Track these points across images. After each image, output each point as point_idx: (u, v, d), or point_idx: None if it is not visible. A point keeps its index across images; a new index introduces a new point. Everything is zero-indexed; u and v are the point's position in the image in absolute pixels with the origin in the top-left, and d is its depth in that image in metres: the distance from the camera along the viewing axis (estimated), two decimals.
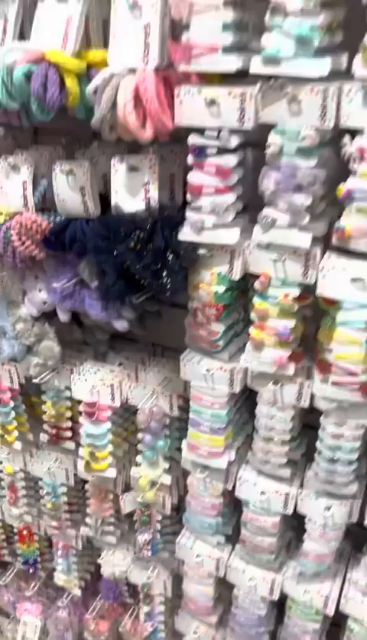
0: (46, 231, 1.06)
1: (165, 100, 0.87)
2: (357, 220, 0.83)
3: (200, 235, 0.93)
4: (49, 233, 1.06)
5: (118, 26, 0.87)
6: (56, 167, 1.02)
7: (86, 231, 1.01)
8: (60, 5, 0.90)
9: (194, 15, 0.82)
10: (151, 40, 0.85)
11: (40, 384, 1.29)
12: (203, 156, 0.89)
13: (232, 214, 0.92)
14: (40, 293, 1.19)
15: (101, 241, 0.97)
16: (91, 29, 0.92)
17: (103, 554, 1.46)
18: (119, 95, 0.86)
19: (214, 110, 0.85)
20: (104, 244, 0.97)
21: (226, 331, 1.04)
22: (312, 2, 0.75)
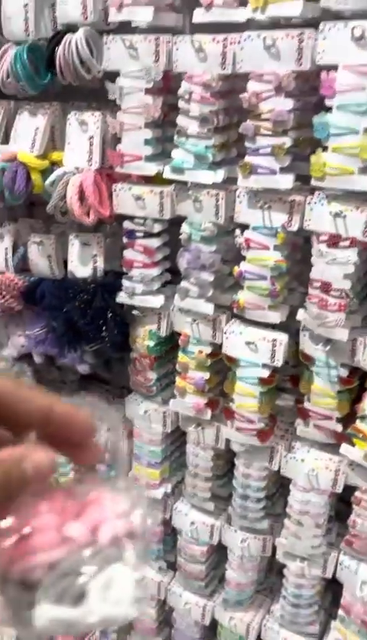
0: (21, 287, 1.30)
1: (105, 193, 1.10)
2: (248, 295, 1.02)
3: (132, 299, 1.14)
4: (24, 289, 1.30)
5: (70, 136, 1.11)
6: (30, 238, 1.26)
7: (48, 290, 1.24)
8: (31, 118, 1.15)
9: (124, 132, 1.05)
10: (93, 148, 1.09)
11: None
12: (134, 238, 1.11)
13: (158, 284, 1.13)
14: (19, 338, 1.42)
15: (54, 299, 1.20)
16: (56, 136, 1.17)
17: None
18: (68, 189, 1.10)
19: (140, 203, 1.08)
20: (56, 301, 1.19)
21: (159, 379, 1.23)
22: (206, 128, 0.97)
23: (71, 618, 0.30)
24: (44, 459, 0.31)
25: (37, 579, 0.30)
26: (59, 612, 0.29)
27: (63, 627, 0.30)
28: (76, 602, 0.30)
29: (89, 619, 0.30)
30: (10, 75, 1.10)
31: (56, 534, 0.31)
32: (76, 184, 1.09)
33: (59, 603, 0.30)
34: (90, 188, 1.08)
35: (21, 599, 0.30)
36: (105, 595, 0.30)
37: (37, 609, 0.29)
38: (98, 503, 0.32)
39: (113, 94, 1.04)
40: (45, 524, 0.31)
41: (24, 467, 0.30)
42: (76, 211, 1.09)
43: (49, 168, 1.15)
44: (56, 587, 0.30)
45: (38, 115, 1.15)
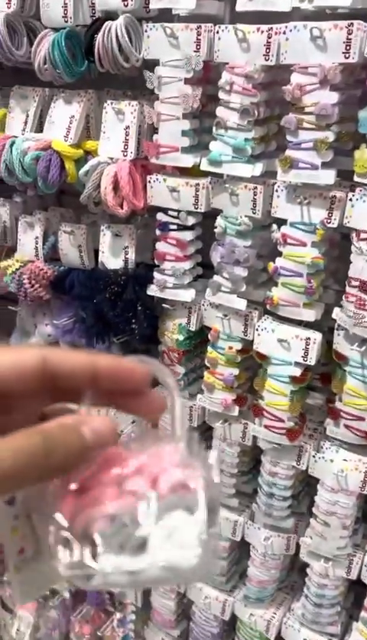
0: (51, 277, 1.30)
1: (139, 185, 1.09)
2: (282, 292, 1.01)
3: (163, 292, 1.13)
4: (53, 279, 1.29)
5: (106, 125, 1.10)
6: (61, 227, 1.25)
7: (78, 280, 1.23)
8: (66, 106, 1.14)
9: (161, 122, 1.03)
10: (129, 138, 1.07)
11: None
12: (167, 230, 1.10)
13: (189, 278, 1.12)
14: (46, 327, 1.42)
15: (84, 290, 1.19)
16: (91, 125, 1.16)
17: None
18: (102, 179, 1.08)
19: (175, 195, 1.06)
20: (86, 292, 1.18)
21: (187, 374, 1.22)
22: (246, 120, 0.95)
23: (132, 568, 0.30)
24: (103, 425, 0.31)
25: (99, 531, 0.31)
26: (122, 562, 0.30)
27: (124, 577, 0.30)
28: (137, 552, 0.30)
29: (150, 568, 0.30)
30: (47, 61, 1.08)
31: (116, 488, 0.31)
32: (111, 174, 1.08)
33: (120, 553, 0.30)
34: (125, 179, 1.06)
35: (83, 552, 0.30)
36: (167, 543, 0.30)
37: (99, 561, 0.30)
38: (157, 456, 0.32)
39: (151, 83, 1.02)
40: (106, 479, 0.31)
41: (83, 433, 0.31)
42: (110, 202, 1.08)
43: (83, 157, 1.14)
44: (117, 538, 0.30)
45: (74, 103, 1.13)
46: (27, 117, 1.19)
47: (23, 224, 1.31)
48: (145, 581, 0.30)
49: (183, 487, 0.31)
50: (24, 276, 1.32)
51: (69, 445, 0.30)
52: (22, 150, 1.15)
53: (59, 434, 0.30)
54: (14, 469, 0.28)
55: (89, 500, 0.31)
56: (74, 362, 0.33)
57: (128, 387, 0.34)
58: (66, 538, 0.31)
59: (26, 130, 1.19)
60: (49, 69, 1.09)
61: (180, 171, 1.07)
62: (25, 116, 1.20)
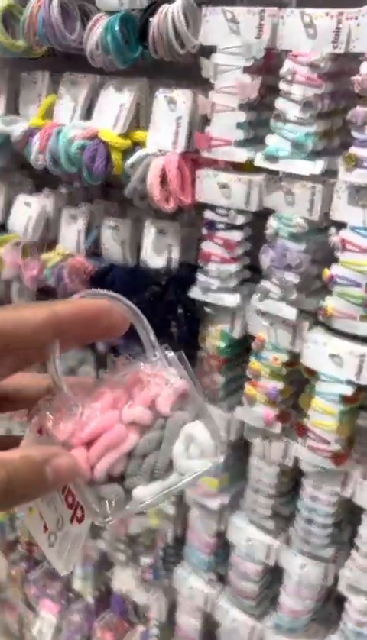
0: (91, 273, 1.24)
1: (188, 179, 1.02)
2: (337, 302, 0.92)
3: (206, 295, 1.06)
4: (93, 275, 1.24)
5: (156, 115, 1.03)
6: (105, 221, 1.20)
7: (119, 277, 1.17)
8: (117, 94, 1.08)
9: (215, 113, 0.96)
10: (180, 129, 1.00)
11: None
12: (214, 229, 1.02)
13: (235, 282, 1.04)
14: None
15: (125, 289, 1.13)
16: (141, 114, 1.10)
17: (114, 569, 1.59)
18: (149, 172, 1.02)
19: (226, 192, 0.99)
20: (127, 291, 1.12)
21: (227, 384, 1.15)
22: (308, 114, 0.87)
23: (167, 488, 0.32)
24: (67, 464, 0.31)
25: (121, 470, 0.32)
26: (156, 488, 0.32)
27: (162, 498, 0.32)
28: (166, 472, 0.32)
29: (184, 481, 0.32)
30: (99, 47, 1.03)
31: (120, 425, 0.32)
32: (158, 167, 1.01)
33: (153, 481, 0.32)
34: (173, 172, 0.99)
35: (115, 493, 0.32)
36: (189, 454, 0.32)
37: (134, 494, 0.32)
38: (141, 382, 0.34)
39: (207, 71, 0.95)
40: (107, 420, 0.32)
41: (45, 474, 0.30)
42: (156, 196, 1.02)
43: (131, 148, 1.08)
44: (143, 469, 0.32)
45: (124, 91, 1.07)
46: (76, 105, 1.14)
47: (66, 217, 1.26)
48: (175, 493, 0.34)
49: (180, 401, 0.33)
50: (63, 271, 1.27)
51: (29, 485, 0.30)
52: (68, 138, 1.10)
53: (22, 473, 0.30)
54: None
55: (100, 446, 0.32)
56: (33, 322, 0.31)
57: (94, 323, 0.33)
58: (95, 493, 0.32)
59: (74, 119, 1.14)
60: (101, 54, 1.04)
61: (233, 166, 0.99)
62: (74, 103, 1.15)
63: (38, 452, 0.30)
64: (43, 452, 0.30)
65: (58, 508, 0.34)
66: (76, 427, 0.32)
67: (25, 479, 0.29)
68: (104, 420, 0.32)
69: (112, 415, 0.33)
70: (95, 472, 0.32)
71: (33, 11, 1.07)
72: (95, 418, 0.32)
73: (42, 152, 1.15)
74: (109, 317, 0.34)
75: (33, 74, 1.23)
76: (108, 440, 0.32)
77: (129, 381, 0.34)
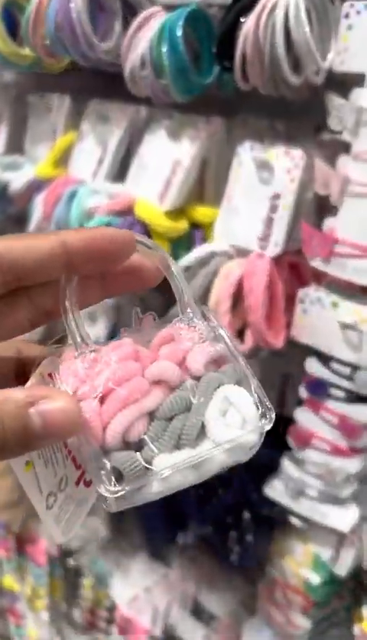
0: None
1: (281, 302, 0.58)
2: None
3: (297, 503, 0.61)
4: None
5: (235, 186, 0.60)
6: None
7: None
8: (170, 142, 0.65)
9: (348, 197, 0.52)
10: (277, 216, 0.56)
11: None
12: (324, 396, 0.58)
13: (351, 489, 0.59)
14: None
15: None
16: (207, 178, 0.66)
17: None
18: (215, 284, 0.58)
19: (353, 337, 0.54)
20: None
21: (315, 627, 0.69)
22: None
23: (196, 459, 0.25)
24: (61, 410, 0.24)
25: (140, 434, 0.26)
26: (182, 457, 0.25)
27: (190, 473, 0.26)
28: (197, 440, 0.26)
29: (214, 455, 0.26)
30: (146, 63, 0.60)
31: (141, 380, 0.26)
32: (232, 278, 0.57)
33: (179, 449, 0.26)
34: (258, 292, 0.55)
35: (131, 460, 0.25)
36: (226, 422, 0.26)
37: (155, 463, 0.25)
38: (172, 338, 0.28)
39: (338, 119, 0.51)
40: (127, 370, 0.26)
41: (30, 418, 0.23)
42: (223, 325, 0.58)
43: (187, 235, 0.65)
44: (168, 434, 0.26)
45: (183, 139, 0.64)
46: (103, 153, 0.72)
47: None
48: (210, 470, 0.26)
49: (214, 362, 0.28)
50: None
51: (6, 435, 0.23)
52: (85, 209, 0.67)
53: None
54: None
55: (116, 402, 0.26)
56: (39, 251, 0.26)
57: (110, 258, 0.27)
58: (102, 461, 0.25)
59: (99, 175, 0.71)
60: (149, 75, 0.61)
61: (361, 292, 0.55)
62: (101, 150, 0.72)
63: (23, 393, 0.23)
64: (30, 393, 0.23)
65: (61, 466, 0.29)
66: (87, 375, 0.26)
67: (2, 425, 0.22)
68: (123, 369, 0.26)
69: (133, 366, 0.26)
70: (107, 432, 0.25)
71: (42, 2, 0.65)
72: (111, 367, 0.26)
73: (46, 221, 0.73)
74: (129, 250, 0.27)
75: (47, 97, 0.81)
76: (126, 392, 0.26)
77: (157, 338, 0.28)
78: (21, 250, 0.26)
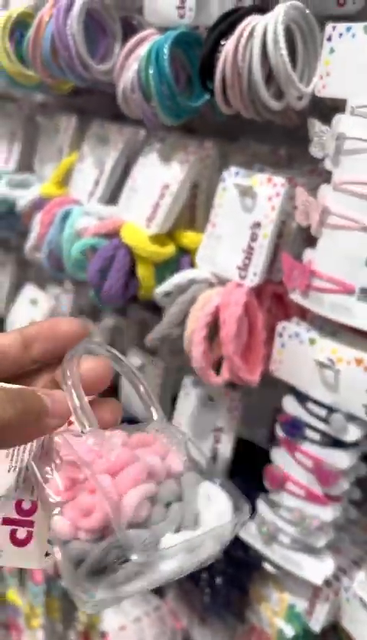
0: None
1: (261, 335, 0.55)
2: None
3: (270, 549, 0.58)
4: None
5: (219, 212, 0.58)
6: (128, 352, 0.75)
7: None
8: (161, 166, 0.64)
9: (326, 229, 0.49)
10: (257, 245, 0.54)
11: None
12: (299, 437, 0.54)
13: (326, 539, 0.55)
14: None
15: None
16: (198, 202, 0.64)
17: None
18: (191, 314, 0.56)
19: (329, 377, 0.51)
20: None
21: None
22: None
23: (195, 539, 0.28)
24: (62, 397, 0.30)
25: (146, 517, 0.28)
26: (185, 537, 0.28)
27: (190, 553, 0.28)
28: (194, 526, 0.28)
29: (206, 541, 0.28)
30: (135, 86, 0.59)
31: (142, 465, 0.28)
32: (208, 308, 0.55)
33: (177, 532, 0.28)
34: (232, 323, 0.53)
35: (143, 538, 0.27)
36: (211, 511, 0.29)
37: (162, 543, 0.27)
38: (150, 440, 0.31)
39: (320, 146, 0.48)
40: (129, 455, 0.29)
41: (41, 397, 0.29)
42: (198, 359, 0.55)
43: (174, 260, 0.63)
44: (170, 518, 0.28)
45: (172, 163, 0.63)
46: (99, 174, 0.71)
47: None
48: (203, 558, 0.28)
49: (188, 465, 0.30)
50: None
51: (27, 402, 0.28)
52: (76, 229, 0.67)
53: (16, 389, 0.28)
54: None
55: (128, 478, 0.28)
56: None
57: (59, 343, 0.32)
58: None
59: (94, 196, 0.71)
60: (138, 98, 0.60)
61: (352, 331, 0.51)
62: (98, 171, 0.71)
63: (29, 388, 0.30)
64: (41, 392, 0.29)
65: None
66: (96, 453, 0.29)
67: (22, 395, 0.28)
68: (128, 453, 0.29)
69: (132, 454, 0.29)
70: (124, 506, 0.27)
71: (41, 23, 0.65)
72: (116, 450, 0.29)
73: (40, 240, 0.73)
74: (76, 339, 0.32)
75: (55, 119, 0.82)
76: (136, 471, 0.28)
77: (136, 439, 0.30)
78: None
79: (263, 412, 0.70)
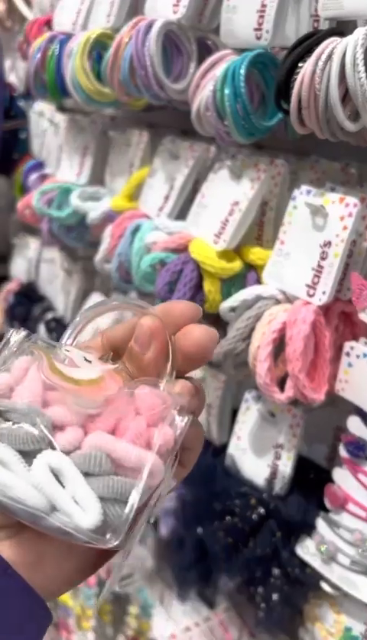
0: None
1: (326, 353, 0.55)
2: None
3: (328, 567, 0.57)
4: None
5: (289, 230, 0.58)
6: None
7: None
8: (231, 183, 0.65)
9: None
10: (327, 264, 0.54)
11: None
12: (362, 458, 0.54)
13: None
14: None
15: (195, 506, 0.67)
16: (266, 219, 0.65)
17: None
18: (257, 330, 0.57)
19: None
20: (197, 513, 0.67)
21: None
22: None
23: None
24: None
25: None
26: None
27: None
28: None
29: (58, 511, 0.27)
30: (209, 105, 0.61)
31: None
32: (275, 325, 0.56)
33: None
34: (299, 341, 0.53)
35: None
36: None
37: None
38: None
39: None
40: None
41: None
42: (262, 375, 0.56)
43: (239, 276, 0.64)
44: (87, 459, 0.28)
45: (243, 180, 0.64)
46: (170, 190, 0.73)
47: None
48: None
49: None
50: None
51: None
52: (145, 243, 0.69)
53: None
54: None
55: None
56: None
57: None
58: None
59: (164, 211, 0.73)
60: (213, 116, 0.61)
61: None
62: (168, 187, 0.73)
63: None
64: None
65: None
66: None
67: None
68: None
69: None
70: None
71: (120, 44, 0.68)
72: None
73: (111, 253, 0.76)
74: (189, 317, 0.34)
75: (127, 133, 0.84)
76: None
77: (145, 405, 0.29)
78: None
79: (322, 431, 0.69)
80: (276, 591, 0.60)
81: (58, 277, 1.08)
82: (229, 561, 0.62)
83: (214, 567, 0.67)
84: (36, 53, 0.85)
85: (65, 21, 0.85)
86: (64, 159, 0.96)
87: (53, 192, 0.92)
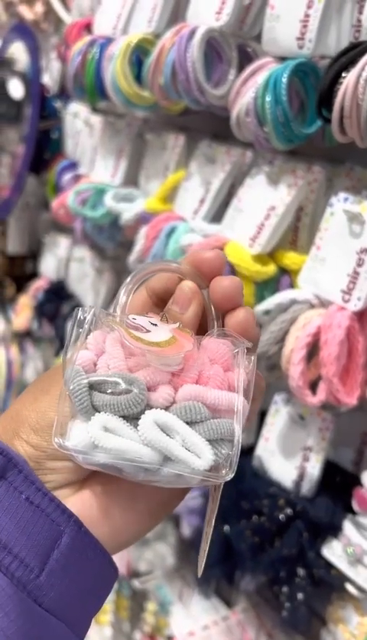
0: None
1: (361, 358, 0.56)
2: None
3: (354, 569, 0.58)
4: None
5: (325, 235, 0.59)
6: None
7: None
8: (269, 188, 0.66)
9: None
10: (363, 270, 0.55)
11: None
12: None
13: None
14: None
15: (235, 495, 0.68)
16: (301, 224, 0.66)
17: None
18: (291, 333, 0.58)
19: None
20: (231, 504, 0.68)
21: None
22: None
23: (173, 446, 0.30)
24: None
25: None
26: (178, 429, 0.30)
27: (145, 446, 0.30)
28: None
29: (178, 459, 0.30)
30: (250, 111, 0.62)
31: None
32: (309, 329, 0.57)
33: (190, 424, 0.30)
34: (334, 345, 0.54)
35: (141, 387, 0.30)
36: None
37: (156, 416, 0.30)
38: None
39: None
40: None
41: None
42: (295, 378, 0.57)
43: (273, 280, 0.65)
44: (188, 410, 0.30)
45: (280, 186, 0.65)
46: (205, 193, 0.74)
47: None
48: (145, 461, 0.29)
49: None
50: None
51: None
52: (181, 245, 0.70)
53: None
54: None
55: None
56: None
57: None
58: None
59: (199, 214, 0.74)
60: (253, 122, 0.62)
61: None
62: (204, 190, 0.74)
63: None
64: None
65: None
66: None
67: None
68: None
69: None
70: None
71: (163, 50, 0.69)
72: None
73: (145, 254, 0.77)
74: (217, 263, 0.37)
75: (163, 136, 0.86)
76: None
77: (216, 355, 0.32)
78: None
79: (349, 435, 0.70)
80: (301, 591, 0.61)
81: (88, 276, 1.10)
82: (255, 560, 0.63)
83: (239, 566, 0.68)
84: (76, 56, 0.87)
85: (105, 25, 0.87)
86: (99, 160, 0.98)
87: (87, 192, 0.93)
